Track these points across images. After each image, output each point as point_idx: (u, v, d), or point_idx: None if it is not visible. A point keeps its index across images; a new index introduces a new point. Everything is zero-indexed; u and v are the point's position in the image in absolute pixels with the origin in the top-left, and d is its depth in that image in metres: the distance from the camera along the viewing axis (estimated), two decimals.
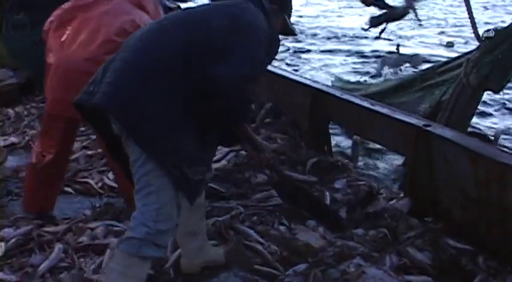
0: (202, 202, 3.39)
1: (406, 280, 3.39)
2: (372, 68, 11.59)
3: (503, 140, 6.80)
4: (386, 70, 10.26)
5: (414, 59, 10.32)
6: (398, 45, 11.54)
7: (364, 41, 14.09)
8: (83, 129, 5.41)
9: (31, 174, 4.17)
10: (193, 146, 2.81)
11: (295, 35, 3.39)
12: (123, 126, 2.77)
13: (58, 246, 3.76)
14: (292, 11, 3.34)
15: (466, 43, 12.81)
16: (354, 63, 12.54)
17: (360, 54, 13.22)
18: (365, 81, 9.83)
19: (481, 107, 6.90)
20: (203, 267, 3.53)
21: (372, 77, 10.50)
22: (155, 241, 2.80)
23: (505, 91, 7.04)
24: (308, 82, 5.45)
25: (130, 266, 2.81)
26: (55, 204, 4.28)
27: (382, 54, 12.42)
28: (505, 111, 8.92)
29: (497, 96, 8.07)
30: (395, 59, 10.55)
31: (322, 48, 14.01)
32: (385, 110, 4.48)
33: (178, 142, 2.77)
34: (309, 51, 13.71)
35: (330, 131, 5.71)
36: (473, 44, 6.11)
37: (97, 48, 3.68)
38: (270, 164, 3.70)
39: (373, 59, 12.48)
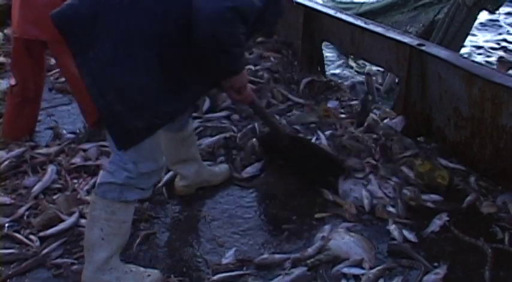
0: (190, 131, 3.35)
1: None
2: None
3: None
4: None
5: None
6: None
7: None
8: None
9: (10, 99, 4.16)
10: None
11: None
12: None
13: (51, 168, 3.77)
14: None
15: None
16: None
17: None
18: None
19: None
20: (197, 188, 3.56)
21: None
22: (138, 185, 2.63)
23: None
24: (301, 1, 5.33)
25: (114, 212, 2.63)
26: (33, 132, 4.31)
27: None
28: None
29: None
30: None
31: None
32: (378, 29, 4.42)
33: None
34: None
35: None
36: None
37: None
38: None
39: None
